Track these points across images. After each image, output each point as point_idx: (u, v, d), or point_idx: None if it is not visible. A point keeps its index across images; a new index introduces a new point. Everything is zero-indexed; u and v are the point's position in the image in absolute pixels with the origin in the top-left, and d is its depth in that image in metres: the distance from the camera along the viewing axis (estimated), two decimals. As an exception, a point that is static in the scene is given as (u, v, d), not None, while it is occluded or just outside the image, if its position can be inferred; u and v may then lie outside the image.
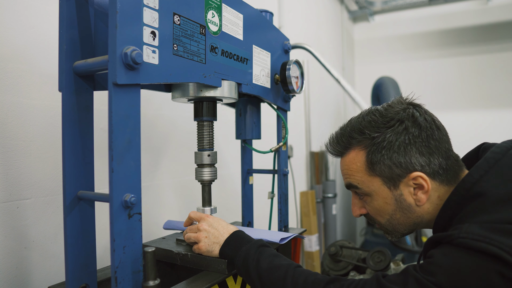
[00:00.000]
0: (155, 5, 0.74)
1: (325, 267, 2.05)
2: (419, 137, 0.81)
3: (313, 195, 2.78)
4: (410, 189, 0.83)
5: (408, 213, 0.85)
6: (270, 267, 0.81)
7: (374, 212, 0.89)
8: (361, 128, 0.85)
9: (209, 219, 0.94)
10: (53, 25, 1.05)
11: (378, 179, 0.84)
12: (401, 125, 0.81)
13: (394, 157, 0.81)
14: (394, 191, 0.84)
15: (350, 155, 0.88)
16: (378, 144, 0.82)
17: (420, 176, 0.80)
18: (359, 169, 0.86)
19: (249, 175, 1.35)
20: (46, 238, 1.05)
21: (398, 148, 0.80)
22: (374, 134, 0.83)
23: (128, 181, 0.70)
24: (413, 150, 0.80)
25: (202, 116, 1.03)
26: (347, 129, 0.89)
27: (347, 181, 0.91)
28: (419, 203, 0.83)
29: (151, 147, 1.44)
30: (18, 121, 0.99)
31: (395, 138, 0.81)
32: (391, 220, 0.87)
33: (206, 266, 0.91)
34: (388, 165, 0.81)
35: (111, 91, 0.67)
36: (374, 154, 0.83)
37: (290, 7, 2.67)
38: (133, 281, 0.71)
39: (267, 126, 1.63)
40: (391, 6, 4.12)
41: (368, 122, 0.85)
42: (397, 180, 0.82)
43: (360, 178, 0.86)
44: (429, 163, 0.80)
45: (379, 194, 0.85)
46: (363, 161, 0.85)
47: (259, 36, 1.09)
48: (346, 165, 0.89)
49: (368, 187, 0.86)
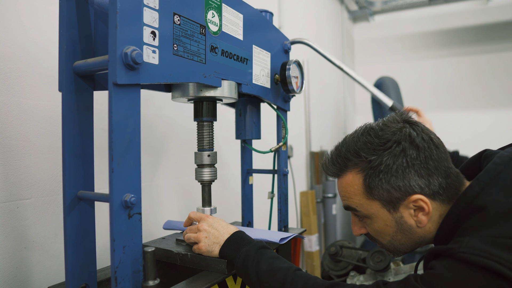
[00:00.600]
0: (155, 5, 0.74)
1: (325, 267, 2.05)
2: (417, 159, 0.78)
3: (313, 195, 2.78)
4: (410, 211, 0.81)
5: (409, 234, 0.83)
6: (270, 269, 0.81)
7: (375, 233, 0.87)
8: (356, 150, 0.82)
9: (209, 219, 0.94)
10: (53, 25, 1.05)
11: (377, 202, 0.82)
12: (398, 147, 0.79)
13: (393, 181, 0.78)
14: (394, 213, 0.82)
15: (347, 177, 0.85)
16: (375, 168, 0.79)
17: (420, 199, 0.78)
18: (356, 192, 0.84)
19: (249, 175, 1.35)
20: (46, 238, 1.05)
21: (396, 172, 0.78)
22: (370, 157, 0.80)
23: (128, 181, 0.70)
24: (411, 172, 0.78)
25: (202, 117, 1.03)
26: (343, 150, 0.86)
27: (345, 203, 0.89)
28: (420, 224, 0.81)
29: (151, 147, 1.44)
30: (18, 121, 0.99)
31: (392, 161, 0.78)
32: (392, 241, 0.86)
33: (206, 266, 0.91)
34: (386, 189, 0.79)
35: (111, 91, 0.67)
36: (371, 179, 0.80)
37: (290, 7, 2.67)
38: (133, 281, 0.71)
39: (267, 126, 1.63)
40: (391, 6, 4.12)
41: (364, 143, 0.82)
42: (397, 203, 0.80)
43: (359, 201, 0.84)
44: (428, 184, 0.78)
45: (379, 216, 0.83)
46: (361, 184, 0.82)
47: (259, 36, 1.09)
48: (343, 187, 0.87)
49: (367, 210, 0.84)
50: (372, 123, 0.87)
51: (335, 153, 0.88)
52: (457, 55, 3.97)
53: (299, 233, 1.16)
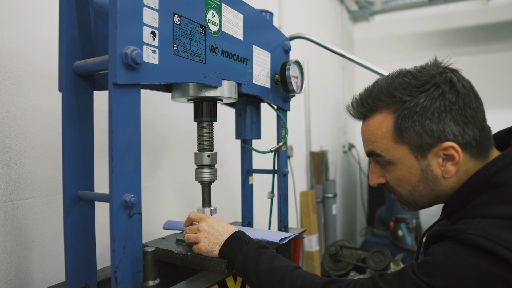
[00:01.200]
0: (155, 5, 0.74)
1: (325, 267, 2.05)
2: (455, 104, 0.73)
3: (313, 195, 2.78)
4: (438, 160, 0.76)
5: (432, 185, 0.79)
6: (268, 269, 0.81)
7: (395, 182, 0.82)
8: (391, 91, 0.77)
9: (209, 220, 0.94)
10: (53, 25, 1.05)
11: (405, 147, 0.77)
12: (437, 90, 0.74)
13: (427, 124, 0.73)
14: (421, 161, 0.77)
15: (376, 119, 0.80)
16: (409, 109, 0.74)
17: (452, 147, 0.73)
18: (384, 135, 0.78)
19: (249, 175, 1.35)
20: (46, 238, 1.05)
21: (432, 115, 0.73)
22: (406, 97, 0.75)
23: (128, 181, 0.70)
24: (447, 118, 0.73)
25: (202, 117, 1.03)
26: (374, 91, 0.80)
27: (369, 148, 0.83)
28: (446, 175, 0.76)
29: (151, 147, 1.44)
30: (18, 121, 0.99)
31: (429, 104, 0.73)
32: (412, 191, 0.81)
33: (206, 266, 0.91)
34: (418, 133, 0.74)
35: (111, 91, 0.67)
36: (404, 120, 0.75)
37: (290, 7, 2.67)
38: (133, 281, 0.71)
39: (267, 126, 1.63)
40: (391, 6, 4.12)
41: (400, 84, 0.77)
42: (426, 149, 0.75)
43: (385, 146, 0.79)
44: (463, 133, 0.74)
45: (404, 163, 0.78)
46: (391, 126, 0.77)
47: (259, 36, 1.09)
48: (369, 130, 0.81)
49: (392, 155, 0.79)
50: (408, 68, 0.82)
51: (365, 94, 0.82)
52: (457, 55, 3.97)
53: (299, 233, 1.16)
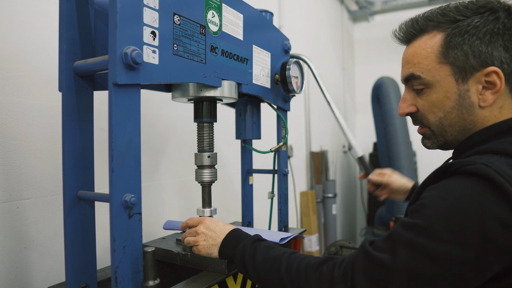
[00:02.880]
0: (155, 5, 0.74)
1: (325, 267, 2.05)
2: (510, 29, 0.71)
3: (313, 195, 2.78)
4: (478, 87, 0.73)
5: (466, 113, 0.76)
6: (265, 259, 0.79)
7: (428, 108, 0.80)
8: (444, 11, 0.75)
9: (206, 221, 0.94)
10: (53, 25, 1.05)
11: (448, 68, 0.75)
12: (492, 14, 0.71)
13: (476, 44, 0.71)
14: (461, 85, 0.74)
15: (423, 39, 0.78)
16: (461, 27, 0.72)
17: (496, 72, 0.71)
18: (428, 55, 0.76)
19: (249, 175, 1.35)
20: (46, 238, 1.05)
21: (483, 35, 0.71)
22: (459, 17, 0.73)
23: (128, 181, 0.70)
24: (499, 41, 0.71)
25: (202, 118, 1.03)
26: (426, 13, 0.79)
27: (408, 71, 0.80)
28: (483, 103, 0.74)
29: (151, 147, 1.44)
30: (18, 121, 0.99)
31: (483, 25, 0.71)
32: (443, 119, 0.78)
33: (206, 266, 0.91)
34: (465, 53, 0.72)
35: (111, 91, 0.67)
36: (453, 37, 0.73)
37: (290, 7, 2.67)
38: (133, 281, 0.71)
39: (267, 126, 1.63)
40: (391, 6, 4.12)
41: (455, 6, 0.75)
42: (469, 73, 0.73)
43: (427, 66, 0.77)
44: (509, 61, 0.71)
45: (443, 85, 0.76)
46: (438, 45, 0.75)
47: (259, 36, 1.09)
48: (413, 51, 0.79)
49: (433, 76, 0.76)
50: None
51: (416, 17, 0.81)
52: None
53: (299, 233, 1.16)
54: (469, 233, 0.58)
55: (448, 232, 0.59)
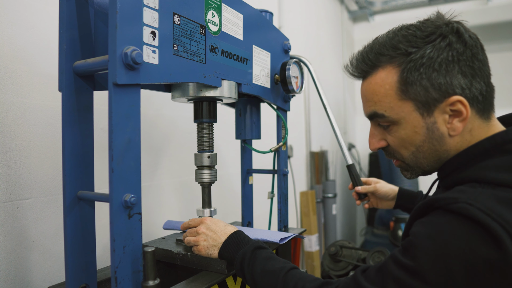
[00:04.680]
0: (155, 5, 0.74)
1: (325, 267, 2.05)
2: (463, 54, 0.69)
3: (313, 195, 2.78)
4: (445, 117, 0.72)
5: (437, 144, 0.74)
6: (263, 271, 0.80)
7: (398, 144, 0.78)
8: (394, 43, 0.72)
9: (207, 222, 0.94)
10: (53, 25, 1.05)
11: (410, 104, 0.73)
12: (444, 40, 0.70)
13: (434, 76, 0.69)
14: (427, 118, 0.73)
15: (378, 75, 0.75)
16: (415, 61, 0.70)
17: (460, 101, 0.69)
18: (387, 92, 0.74)
19: (249, 175, 1.35)
20: (46, 238, 1.05)
21: (439, 66, 0.69)
22: (411, 49, 0.70)
23: (128, 181, 0.70)
24: (455, 69, 0.69)
25: (202, 118, 1.03)
26: (375, 46, 0.75)
27: (370, 109, 0.78)
28: (453, 132, 0.72)
29: (151, 147, 1.44)
30: (18, 121, 0.99)
31: (436, 54, 0.69)
32: (416, 153, 0.77)
33: (205, 266, 0.91)
34: (425, 87, 0.70)
35: (111, 91, 0.67)
36: (410, 73, 0.70)
37: (290, 7, 2.67)
38: (133, 281, 0.71)
39: (267, 126, 1.63)
40: (391, 6, 4.12)
41: (403, 36, 0.72)
42: (433, 105, 0.71)
43: (388, 104, 0.74)
44: (470, 86, 0.70)
45: (409, 121, 0.74)
46: (395, 82, 0.73)
47: (259, 36, 1.09)
48: (371, 89, 0.77)
49: (397, 113, 0.74)
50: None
51: (366, 50, 0.77)
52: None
53: (299, 233, 1.16)
54: (458, 276, 0.59)
55: (437, 275, 0.59)
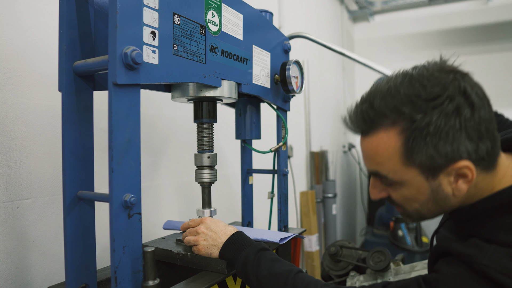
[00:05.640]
0: (155, 5, 0.74)
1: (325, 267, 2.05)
2: (471, 120, 0.65)
3: (313, 195, 2.78)
4: (450, 178, 0.69)
5: (442, 203, 0.73)
6: (270, 273, 0.80)
7: (401, 200, 0.75)
8: (396, 105, 0.67)
9: (207, 221, 0.94)
10: (53, 25, 1.05)
11: (415, 169, 0.69)
12: (451, 104, 0.64)
13: (440, 145, 0.65)
14: (431, 181, 0.70)
15: (380, 137, 0.70)
16: (421, 129, 0.65)
17: (467, 166, 0.67)
18: (391, 156, 0.69)
19: (249, 175, 1.35)
20: (46, 238, 1.05)
21: (446, 135, 0.65)
22: (416, 115, 0.65)
23: (128, 181, 0.70)
24: (462, 136, 0.65)
25: (202, 118, 1.03)
26: (376, 102, 0.69)
27: (372, 168, 0.74)
28: (458, 193, 0.70)
29: (151, 147, 1.44)
30: (18, 121, 0.99)
31: (443, 122, 0.64)
32: (419, 209, 0.75)
33: (205, 266, 0.91)
34: (430, 155, 0.66)
35: (111, 91, 0.67)
36: (415, 141, 0.66)
37: (290, 7, 2.67)
38: (133, 281, 0.71)
39: (267, 126, 1.63)
40: (391, 6, 4.12)
41: (406, 96, 0.66)
42: (438, 170, 0.68)
43: (392, 167, 0.71)
44: (476, 149, 0.66)
45: (413, 184, 0.71)
46: (399, 147, 0.68)
47: (259, 36, 1.09)
48: (373, 149, 0.72)
49: (401, 177, 0.71)
50: (411, 70, 0.71)
51: (366, 106, 0.71)
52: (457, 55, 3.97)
53: (299, 233, 1.16)
54: None
55: None
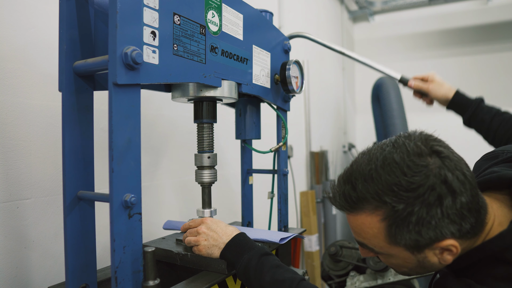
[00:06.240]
0: (155, 5, 0.74)
1: (325, 267, 2.05)
2: (453, 207, 0.67)
3: (313, 195, 2.78)
4: (435, 251, 0.72)
5: (430, 268, 0.76)
6: (273, 280, 0.81)
7: (390, 264, 0.79)
8: (378, 192, 0.68)
9: (208, 222, 0.94)
10: (53, 25, 1.05)
11: (400, 247, 0.72)
12: (432, 194, 0.66)
13: (423, 232, 0.68)
14: (417, 254, 0.73)
15: (363, 217, 0.72)
16: (404, 219, 0.67)
17: (451, 244, 0.69)
18: (376, 235, 0.72)
19: (249, 175, 1.35)
20: (46, 238, 1.05)
21: (428, 223, 0.67)
22: (398, 205, 0.67)
23: (128, 181, 0.70)
24: (445, 221, 0.67)
25: (202, 118, 1.03)
26: (358, 185, 0.70)
27: (359, 240, 0.77)
28: (444, 262, 0.73)
29: (151, 147, 1.44)
30: (18, 121, 0.99)
31: (426, 212, 0.66)
32: (408, 272, 0.79)
33: (206, 266, 0.91)
34: (414, 240, 0.69)
35: (111, 91, 0.67)
36: (398, 229, 0.68)
37: (290, 7, 2.67)
38: (133, 281, 0.71)
39: (267, 126, 1.63)
40: (391, 6, 4.12)
41: (387, 184, 0.67)
42: (423, 248, 0.71)
43: (378, 244, 0.73)
44: (460, 228, 0.68)
45: (399, 256, 0.74)
46: (382, 230, 0.70)
47: (259, 36, 1.09)
48: (358, 226, 0.74)
49: (387, 251, 0.74)
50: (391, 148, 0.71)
51: (348, 188, 0.72)
52: (457, 55, 3.97)
53: (299, 233, 1.16)
54: None
55: None
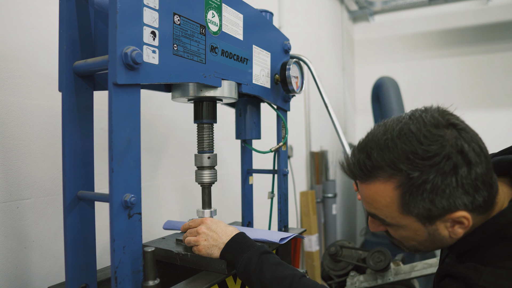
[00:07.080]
0: (155, 5, 0.74)
1: (325, 267, 2.05)
2: (468, 177, 0.66)
3: (313, 195, 2.78)
4: (446, 224, 0.71)
5: (439, 243, 0.76)
6: (274, 277, 0.81)
7: (399, 237, 0.79)
8: (393, 160, 0.68)
9: (208, 222, 0.94)
10: (53, 25, 1.05)
11: (412, 217, 0.72)
12: (448, 163, 0.66)
13: (437, 200, 0.67)
14: (428, 226, 0.72)
15: (377, 186, 0.72)
16: (418, 186, 0.67)
17: (463, 216, 0.69)
18: (388, 204, 0.72)
19: (249, 175, 1.35)
20: (46, 238, 1.05)
21: (443, 192, 0.67)
22: (413, 172, 0.67)
23: (128, 181, 0.70)
24: (459, 191, 0.67)
25: (202, 119, 1.02)
26: (373, 154, 0.71)
27: (371, 211, 0.77)
28: (454, 236, 0.73)
29: (151, 147, 1.44)
30: (18, 121, 0.99)
31: (440, 180, 0.66)
32: (417, 245, 0.78)
33: (206, 266, 0.91)
34: (427, 208, 0.69)
35: (111, 91, 0.67)
36: (412, 197, 0.68)
37: (290, 7, 2.67)
38: (133, 281, 0.71)
39: (267, 126, 1.63)
40: (391, 6, 4.12)
41: (403, 152, 0.67)
42: (435, 219, 0.71)
43: (390, 214, 0.73)
44: (473, 200, 0.68)
45: (410, 228, 0.74)
46: (396, 198, 0.70)
47: (259, 36, 1.09)
48: (371, 195, 0.74)
49: (398, 222, 0.74)
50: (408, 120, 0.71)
51: (363, 156, 0.73)
52: (457, 55, 3.97)
53: (299, 233, 1.16)
54: None
55: None
